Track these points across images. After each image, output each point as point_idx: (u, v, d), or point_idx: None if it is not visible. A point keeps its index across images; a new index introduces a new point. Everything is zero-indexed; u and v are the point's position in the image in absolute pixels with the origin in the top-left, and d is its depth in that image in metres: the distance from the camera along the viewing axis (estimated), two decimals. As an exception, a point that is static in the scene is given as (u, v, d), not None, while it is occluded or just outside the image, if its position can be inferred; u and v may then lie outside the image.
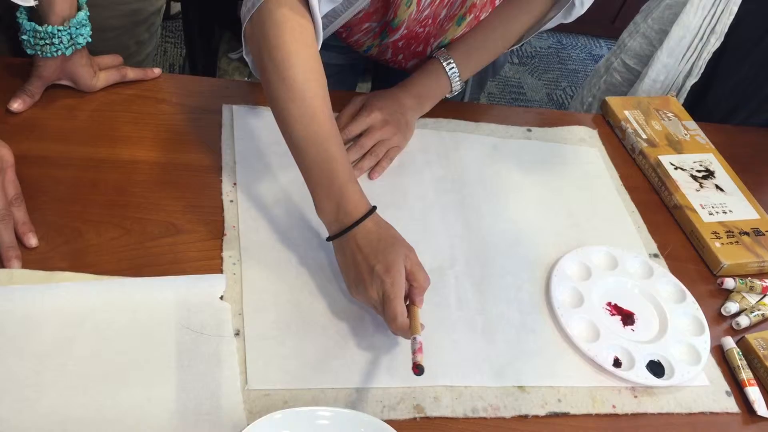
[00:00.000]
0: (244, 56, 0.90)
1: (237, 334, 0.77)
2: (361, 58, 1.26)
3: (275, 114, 0.82)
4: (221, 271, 0.82)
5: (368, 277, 0.76)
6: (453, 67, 1.06)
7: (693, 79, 1.32)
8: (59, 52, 0.89)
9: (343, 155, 0.81)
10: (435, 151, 1.07)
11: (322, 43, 1.13)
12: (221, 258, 0.84)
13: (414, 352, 0.72)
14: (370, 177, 0.99)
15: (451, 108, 1.13)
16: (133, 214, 0.86)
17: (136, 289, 0.77)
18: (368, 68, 1.37)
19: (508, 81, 3.03)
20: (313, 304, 0.82)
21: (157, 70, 1.03)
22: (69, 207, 0.84)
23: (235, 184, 0.92)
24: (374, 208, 0.81)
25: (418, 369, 0.71)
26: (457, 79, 1.06)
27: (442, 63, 1.06)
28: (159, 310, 0.76)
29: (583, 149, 1.16)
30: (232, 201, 0.90)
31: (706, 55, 1.30)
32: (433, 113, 1.09)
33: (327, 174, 0.79)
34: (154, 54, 1.27)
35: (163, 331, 0.75)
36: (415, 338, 0.74)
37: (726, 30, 1.26)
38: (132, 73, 1.00)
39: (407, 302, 0.78)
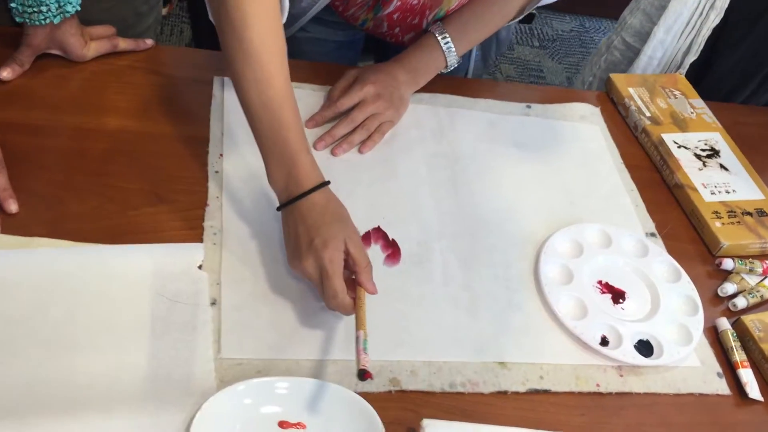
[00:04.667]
0: (211, 19, 0.87)
1: (213, 303, 0.77)
2: (361, 34, 1.24)
3: (231, 78, 0.80)
4: (202, 241, 0.82)
5: (306, 250, 0.74)
6: (448, 41, 1.04)
7: (692, 57, 1.28)
8: (47, 20, 0.88)
9: (297, 123, 0.79)
10: (429, 126, 1.05)
11: (321, 19, 1.13)
12: (202, 228, 0.83)
13: (358, 353, 0.69)
14: (360, 151, 0.98)
15: (449, 83, 1.11)
16: (117, 183, 0.85)
17: (113, 256, 0.77)
18: (370, 46, 1.35)
19: (527, 64, 2.98)
20: (292, 278, 0.81)
21: (149, 41, 1.02)
22: (52, 175, 0.84)
23: (221, 155, 0.92)
24: (327, 182, 0.79)
25: (365, 375, 0.67)
26: (453, 53, 1.04)
27: (437, 37, 1.04)
28: (135, 278, 0.76)
29: (583, 126, 1.14)
30: (217, 172, 0.90)
31: (706, 32, 1.25)
32: (430, 88, 1.08)
33: (279, 141, 0.77)
34: (156, 27, 1.26)
35: (138, 298, 0.75)
36: (359, 336, 0.70)
37: (726, 5, 1.22)
38: (124, 44, 1.00)
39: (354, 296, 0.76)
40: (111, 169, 0.87)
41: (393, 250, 0.88)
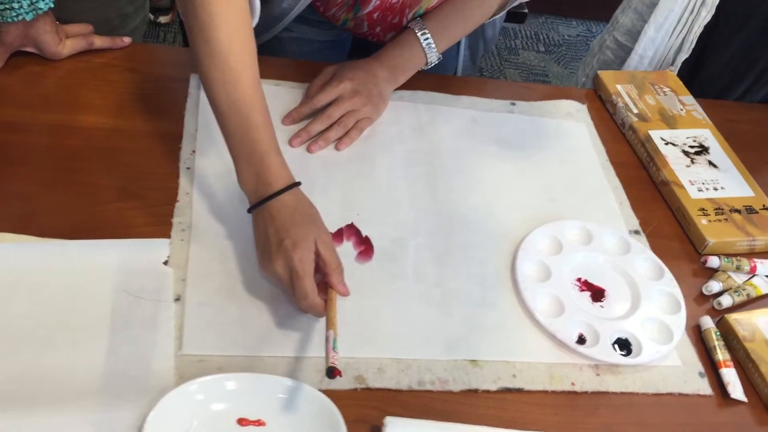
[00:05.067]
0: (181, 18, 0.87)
1: (177, 299, 0.76)
2: (347, 35, 1.23)
3: (200, 78, 0.79)
4: (170, 237, 0.81)
5: (275, 251, 0.73)
6: (428, 38, 1.02)
7: (684, 55, 1.25)
8: (20, 17, 0.88)
9: (266, 124, 0.78)
10: (409, 123, 1.04)
11: (305, 18, 1.12)
12: (171, 224, 0.82)
13: (328, 351, 0.68)
14: (336, 148, 0.97)
15: (431, 81, 1.10)
16: (87, 179, 0.85)
17: (77, 252, 0.76)
18: (357, 47, 1.34)
19: (532, 69, 2.96)
20: (260, 275, 0.80)
21: (127, 39, 1.02)
22: (21, 171, 0.84)
23: (194, 151, 0.91)
24: (297, 183, 0.78)
25: (333, 373, 0.66)
26: (433, 49, 1.03)
27: (416, 33, 1.03)
28: (98, 273, 0.75)
29: (569, 124, 1.12)
30: (189, 168, 0.89)
31: (697, 29, 1.23)
32: (411, 85, 1.07)
33: (248, 142, 0.76)
34: (143, 29, 1.26)
35: (101, 294, 0.74)
36: (329, 336, 0.69)
37: (717, 2, 1.19)
38: (99, 41, 0.99)
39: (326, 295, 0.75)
40: (82, 166, 0.86)
41: (365, 247, 0.86)
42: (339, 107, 0.97)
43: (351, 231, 0.87)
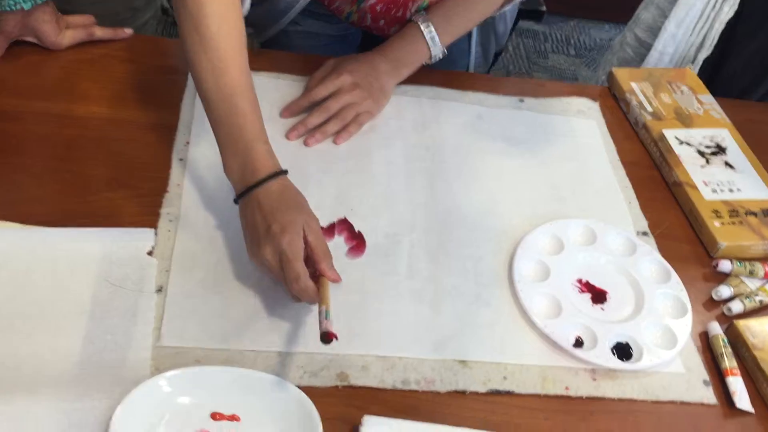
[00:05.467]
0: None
1: (159, 290, 0.74)
2: (355, 30, 1.21)
3: (189, 65, 0.78)
4: (156, 227, 0.80)
5: (264, 238, 0.71)
6: (431, 31, 1.00)
7: (705, 53, 1.21)
8: (18, 6, 0.88)
9: (253, 112, 0.76)
10: (411, 118, 1.01)
11: (311, 12, 1.10)
12: (159, 214, 0.81)
13: (321, 322, 0.67)
14: (335, 141, 0.95)
15: (438, 76, 1.08)
16: (79, 168, 0.84)
17: (61, 239, 0.75)
18: (366, 43, 1.33)
19: (562, 72, 2.91)
20: (246, 267, 0.78)
21: (128, 31, 1.02)
22: (12, 159, 0.83)
23: (188, 142, 0.90)
24: (284, 171, 0.76)
25: (328, 336, 0.66)
26: (437, 43, 1.00)
27: (420, 27, 1.00)
28: (81, 261, 0.74)
29: (579, 121, 1.08)
30: (181, 159, 0.88)
31: (719, 26, 1.18)
32: (417, 80, 1.04)
33: (234, 130, 0.75)
34: (154, 24, 1.26)
35: (82, 282, 0.73)
36: (322, 310, 0.68)
37: None
38: (100, 32, 0.99)
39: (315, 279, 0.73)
40: (75, 155, 0.86)
41: (357, 242, 0.84)
42: (338, 100, 0.95)
43: (343, 226, 0.85)
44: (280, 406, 0.67)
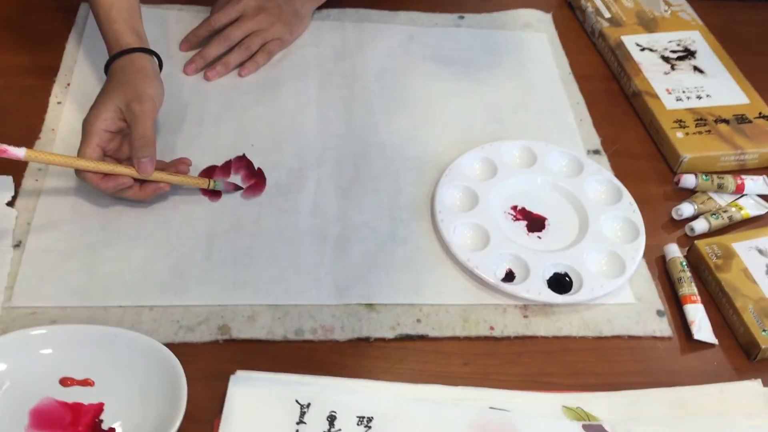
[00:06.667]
0: None
1: (17, 246, 0.66)
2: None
3: None
4: (23, 177, 0.71)
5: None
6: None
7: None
8: None
9: (127, 20, 0.73)
10: (331, 44, 0.90)
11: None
12: (26, 163, 0.72)
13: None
14: (239, 74, 0.84)
15: (367, -2, 0.96)
16: (-58, 119, 0.75)
17: None
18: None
19: None
20: (121, 217, 0.69)
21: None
22: None
23: (68, 84, 0.80)
24: (139, 49, 0.72)
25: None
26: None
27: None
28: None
29: (526, 35, 0.96)
30: (60, 102, 0.78)
31: None
32: (340, 2, 0.93)
33: (102, 13, 0.73)
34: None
35: (-74, 241, 0.64)
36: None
37: None
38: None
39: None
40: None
41: (256, 181, 0.74)
42: (240, 27, 0.84)
43: (240, 163, 0.75)
44: (139, 366, 0.58)
